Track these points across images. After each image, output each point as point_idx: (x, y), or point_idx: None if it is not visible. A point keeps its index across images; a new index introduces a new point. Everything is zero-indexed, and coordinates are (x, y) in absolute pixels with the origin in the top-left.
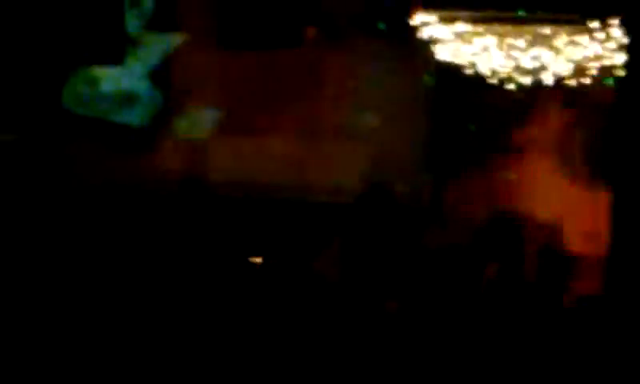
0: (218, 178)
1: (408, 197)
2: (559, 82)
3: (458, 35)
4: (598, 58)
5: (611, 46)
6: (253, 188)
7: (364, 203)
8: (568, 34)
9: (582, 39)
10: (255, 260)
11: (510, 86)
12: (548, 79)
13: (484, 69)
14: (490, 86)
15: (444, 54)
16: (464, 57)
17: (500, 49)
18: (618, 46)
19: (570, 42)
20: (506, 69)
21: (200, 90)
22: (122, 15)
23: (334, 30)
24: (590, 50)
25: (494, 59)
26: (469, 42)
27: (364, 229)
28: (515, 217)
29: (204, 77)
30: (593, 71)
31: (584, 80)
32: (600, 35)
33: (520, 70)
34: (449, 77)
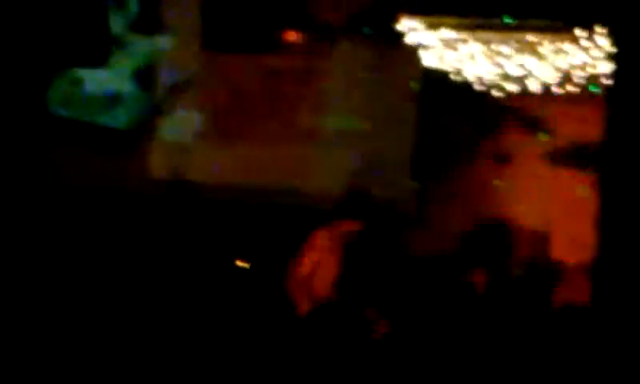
0: (202, 180)
1: (393, 203)
2: (545, 89)
3: (443, 41)
4: (584, 66)
5: (597, 54)
6: (235, 191)
7: (342, 211)
8: (553, 41)
9: (568, 47)
10: (239, 264)
11: (496, 93)
12: (534, 86)
13: (470, 75)
14: (476, 92)
15: (430, 60)
16: (450, 63)
17: (485, 55)
18: (604, 55)
19: (556, 50)
20: (492, 75)
21: (185, 92)
22: (107, 16)
23: (320, 34)
24: (576, 58)
25: (479, 66)
26: (454, 48)
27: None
28: (502, 224)
29: (189, 79)
30: (579, 79)
31: (570, 88)
32: (586, 43)
33: (506, 77)
34: (435, 83)
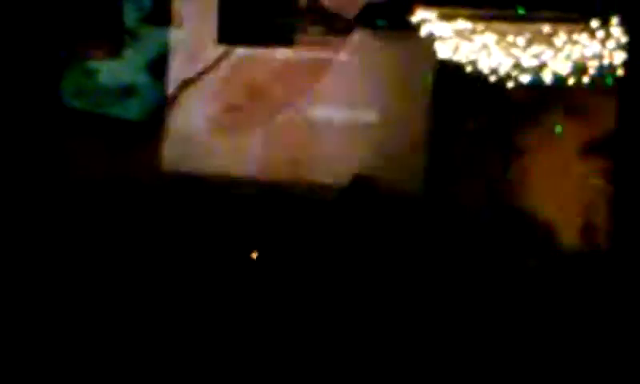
0: (213, 172)
1: (407, 191)
2: (559, 80)
3: (458, 32)
4: (599, 57)
5: (613, 45)
6: (246, 183)
7: (346, 197)
8: (568, 32)
9: (583, 38)
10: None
11: (510, 83)
12: (547, 77)
13: (484, 66)
14: (490, 83)
15: (444, 51)
16: (464, 54)
17: (500, 47)
18: (619, 46)
19: (570, 41)
20: (506, 66)
21: (197, 84)
22: (121, 8)
23: (334, 26)
24: (591, 49)
25: (494, 57)
26: (469, 39)
27: (345, 223)
28: (516, 211)
29: (203, 71)
30: (592, 70)
31: (583, 78)
32: (601, 34)
33: (519, 68)
34: (449, 74)
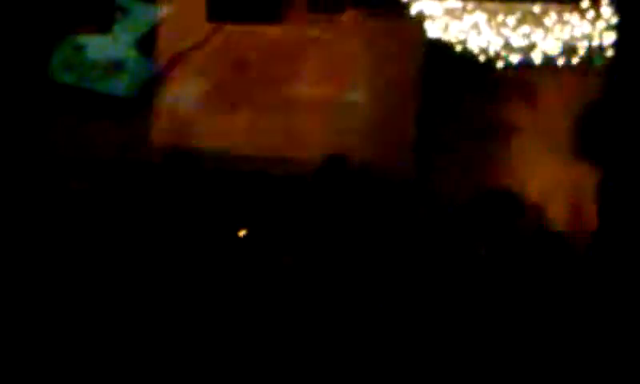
0: (201, 147)
1: (394, 172)
2: (548, 61)
3: (448, 11)
4: (589, 37)
5: (603, 25)
6: (234, 159)
7: (321, 176)
8: (559, 12)
9: (574, 18)
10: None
11: (500, 64)
12: (538, 57)
13: (474, 46)
14: (480, 63)
15: (434, 31)
16: (454, 33)
17: (490, 26)
18: (609, 26)
19: (560, 21)
20: (496, 46)
21: (186, 61)
22: None
23: (324, 4)
24: (581, 29)
25: (484, 36)
26: (459, 18)
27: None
28: (504, 193)
29: (191, 47)
30: (583, 50)
31: (573, 59)
32: (592, 14)
33: (510, 48)
34: (439, 53)
